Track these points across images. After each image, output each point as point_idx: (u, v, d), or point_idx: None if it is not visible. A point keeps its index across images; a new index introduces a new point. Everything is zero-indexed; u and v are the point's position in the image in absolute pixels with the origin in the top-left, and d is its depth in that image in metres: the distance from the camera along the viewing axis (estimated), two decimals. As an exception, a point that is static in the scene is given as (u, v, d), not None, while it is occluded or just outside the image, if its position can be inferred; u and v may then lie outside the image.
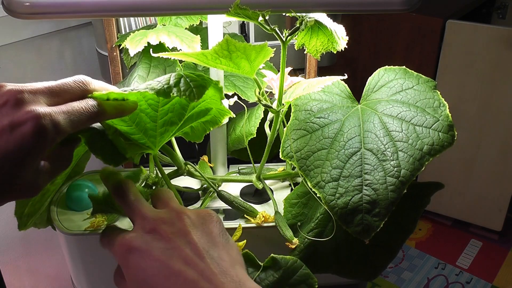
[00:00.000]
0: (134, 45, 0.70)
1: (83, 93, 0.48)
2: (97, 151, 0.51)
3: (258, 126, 0.72)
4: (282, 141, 0.64)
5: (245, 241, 0.62)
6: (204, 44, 0.79)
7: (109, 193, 0.52)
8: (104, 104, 0.48)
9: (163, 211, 0.48)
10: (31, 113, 0.42)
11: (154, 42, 0.69)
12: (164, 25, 0.75)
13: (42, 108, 0.43)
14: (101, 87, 0.50)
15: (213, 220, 0.48)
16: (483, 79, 1.75)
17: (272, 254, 0.61)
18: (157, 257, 0.43)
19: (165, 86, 0.49)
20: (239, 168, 0.77)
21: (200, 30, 0.83)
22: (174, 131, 0.60)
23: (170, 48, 0.69)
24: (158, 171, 0.65)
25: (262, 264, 0.61)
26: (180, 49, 0.69)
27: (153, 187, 0.66)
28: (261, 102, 0.63)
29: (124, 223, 0.66)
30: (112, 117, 0.50)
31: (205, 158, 0.77)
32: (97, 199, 0.53)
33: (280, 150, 0.63)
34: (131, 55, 0.70)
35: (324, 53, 0.66)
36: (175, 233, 0.45)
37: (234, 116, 0.65)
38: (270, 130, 0.68)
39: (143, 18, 0.95)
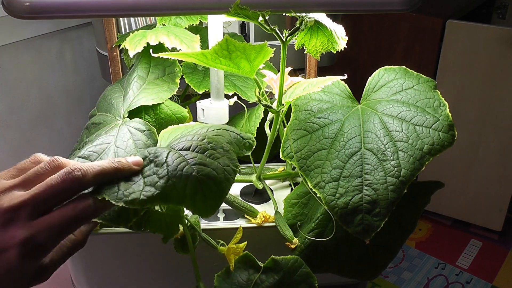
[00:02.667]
0: (133, 46, 0.70)
1: (76, 192, 0.44)
2: None
3: (258, 126, 0.72)
4: (282, 141, 0.64)
5: (245, 243, 0.62)
6: (204, 44, 0.79)
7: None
8: (102, 201, 0.43)
9: None
10: (13, 239, 0.40)
11: (153, 42, 0.69)
12: (164, 24, 0.75)
13: (24, 231, 0.41)
14: (95, 175, 0.44)
15: None
16: (483, 79, 1.74)
17: (272, 256, 0.61)
18: None
19: (180, 191, 0.43)
20: (239, 168, 0.77)
21: (200, 30, 0.83)
22: None
23: (170, 48, 0.69)
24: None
25: (262, 265, 0.61)
26: (180, 49, 0.69)
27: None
28: (261, 102, 0.63)
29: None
30: (109, 209, 0.46)
31: (205, 158, 0.77)
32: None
33: (280, 150, 0.63)
34: (131, 56, 0.70)
35: (324, 53, 0.66)
36: None
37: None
38: (270, 130, 0.68)
39: (143, 18, 0.95)
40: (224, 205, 0.70)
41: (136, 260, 0.70)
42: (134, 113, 0.69)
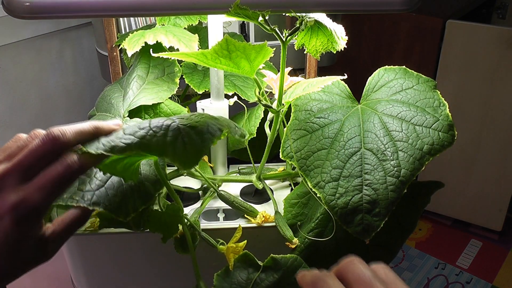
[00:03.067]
0: (131, 46, 0.70)
1: (57, 152, 0.43)
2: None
3: (258, 126, 0.72)
4: (282, 141, 0.64)
5: (245, 241, 0.62)
6: (204, 44, 0.79)
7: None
8: (86, 157, 0.43)
9: None
10: (4, 206, 0.40)
11: (151, 41, 0.69)
12: (163, 25, 0.75)
13: (14, 196, 0.41)
14: (74, 134, 0.44)
15: None
16: (483, 79, 1.74)
17: (272, 254, 0.61)
18: None
19: (160, 143, 0.43)
20: (239, 168, 0.77)
21: (199, 30, 0.83)
22: None
23: (168, 47, 0.69)
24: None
25: (262, 264, 0.61)
26: (178, 48, 0.69)
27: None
28: (261, 102, 0.63)
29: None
30: (95, 165, 0.46)
31: (205, 158, 0.77)
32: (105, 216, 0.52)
33: (280, 150, 0.63)
34: (129, 55, 0.70)
35: (324, 53, 0.66)
36: None
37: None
38: (270, 130, 0.68)
39: (143, 18, 0.95)
40: (224, 205, 0.70)
41: (136, 260, 0.70)
42: (134, 113, 0.69)
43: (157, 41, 0.69)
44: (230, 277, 0.61)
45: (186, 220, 0.62)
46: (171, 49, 0.71)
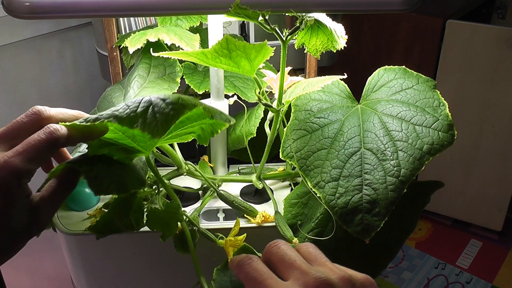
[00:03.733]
0: (133, 44, 0.70)
1: (38, 124, 0.45)
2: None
3: (258, 126, 0.72)
4: (282, 141, 0.64)
5: (244, 235, 0.62)
6: (204, 45, 0.79)
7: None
8: (68, 128, 0.45)
9: (324, 270, 0.40)
10: None
11: (152, 39, 0.69)
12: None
13: None
14: (57, 112, 0.47)
15: None
16: (483, 79, 1.75)
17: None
18: None
19: (131, 114, 0.45)
20: (239, 168, 0.77)
21: (200, 31, 0.83)
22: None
23: (169, 45, 0.69)
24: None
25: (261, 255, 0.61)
26: (179, 46, 0.69)
27: (153, 187, 0.66)
28: (261, 101, 0.63)
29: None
30: (78, 142, 0.47)
31: (205, 158, 0.77)
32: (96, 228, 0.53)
33: (280, 150, 0.64)
34: (130, 52, 0.70)
35: (324, 52, 0.66)
36: None
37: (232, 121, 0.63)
38: (270, 130, 0.68)
39: (143, 18, 0.95)
40: (224, 205, 0.70)
41: (136, 259, 0.70)
42: (134, 113, 0.68)
43: (158, 41, 0.69)
44: (230, 270, 0.61)
45: (185, 217, 0.62)
46: (172, 48, 0.71)
